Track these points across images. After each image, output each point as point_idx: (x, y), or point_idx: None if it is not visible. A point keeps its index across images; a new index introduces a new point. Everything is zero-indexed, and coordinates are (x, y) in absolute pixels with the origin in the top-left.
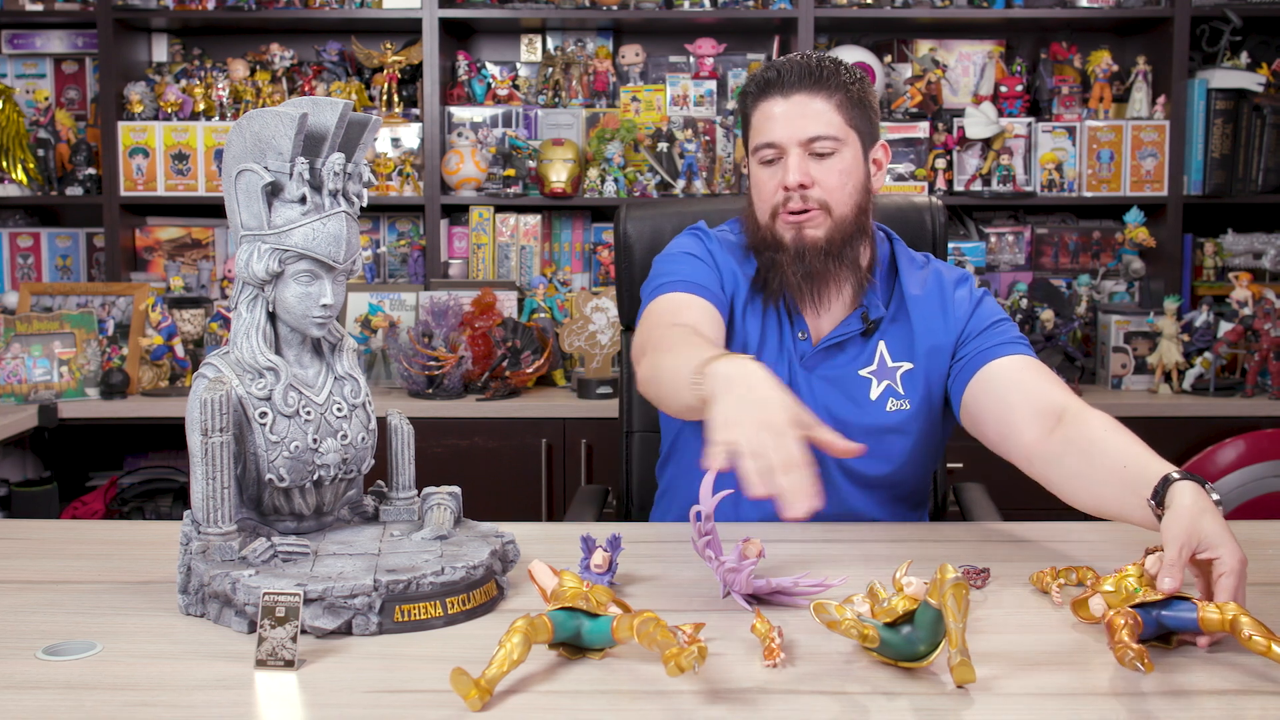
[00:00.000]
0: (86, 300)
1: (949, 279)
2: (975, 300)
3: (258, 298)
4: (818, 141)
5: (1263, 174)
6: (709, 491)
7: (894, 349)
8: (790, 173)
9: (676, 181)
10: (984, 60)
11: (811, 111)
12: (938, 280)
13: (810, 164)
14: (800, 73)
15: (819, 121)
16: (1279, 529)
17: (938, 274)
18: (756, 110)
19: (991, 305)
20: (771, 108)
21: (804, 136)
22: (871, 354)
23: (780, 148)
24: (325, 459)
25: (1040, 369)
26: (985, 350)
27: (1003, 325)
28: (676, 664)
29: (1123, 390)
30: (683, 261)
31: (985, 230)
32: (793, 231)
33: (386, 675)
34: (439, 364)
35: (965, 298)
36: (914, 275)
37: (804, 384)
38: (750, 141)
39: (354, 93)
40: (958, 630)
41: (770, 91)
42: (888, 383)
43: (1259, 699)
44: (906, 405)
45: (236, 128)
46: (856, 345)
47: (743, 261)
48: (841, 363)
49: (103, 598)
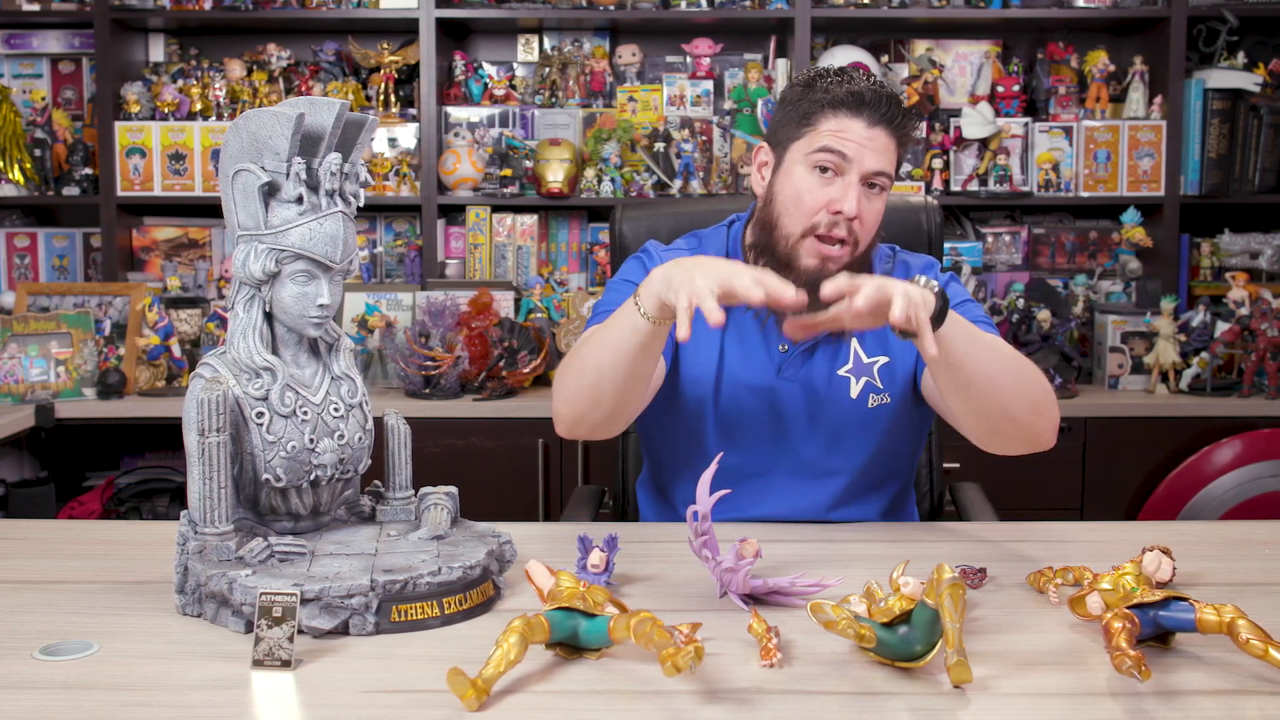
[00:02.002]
0: (83, 300)
1: (915, 266)
2: (941, 284)
3: (254, 298)
4: (878, 177)
5: (1259, 174)
6: (706, 491)
7: (868, 345)
8: (850, 200)
9: (673, 181)
10: (981, 60)
11: (883, 147)
12: (904, 270)
13: (861, 197)
14: (891, 108)
15: (884, 159)
16: (1275, 529)
17: (904, 264)
18: (834, 119)
19: (955, 289)
20: (856, 125)
21: (872, 169)
22: (846, 353)
23: (847, 166)
24: (322, 459)
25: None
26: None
27: (966, 306)
28: (673, 664)
29: (1119, 390)
30: (620, 291)
31: (982, 230)
32: (816, 262)
33: (383, 675)
34: (436, 364)
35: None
36: (880, 268)
37: (783, 394)
38: (808, 143)
39: (351, 93)
40: (954, 630)
41: (858, 111)
42: (866, 379)
43: (1256, 699)
44: (887, 399)
45: (233, 128)
46: (830, 345)
47: None
48: (818, 364)
49: (99, 598)
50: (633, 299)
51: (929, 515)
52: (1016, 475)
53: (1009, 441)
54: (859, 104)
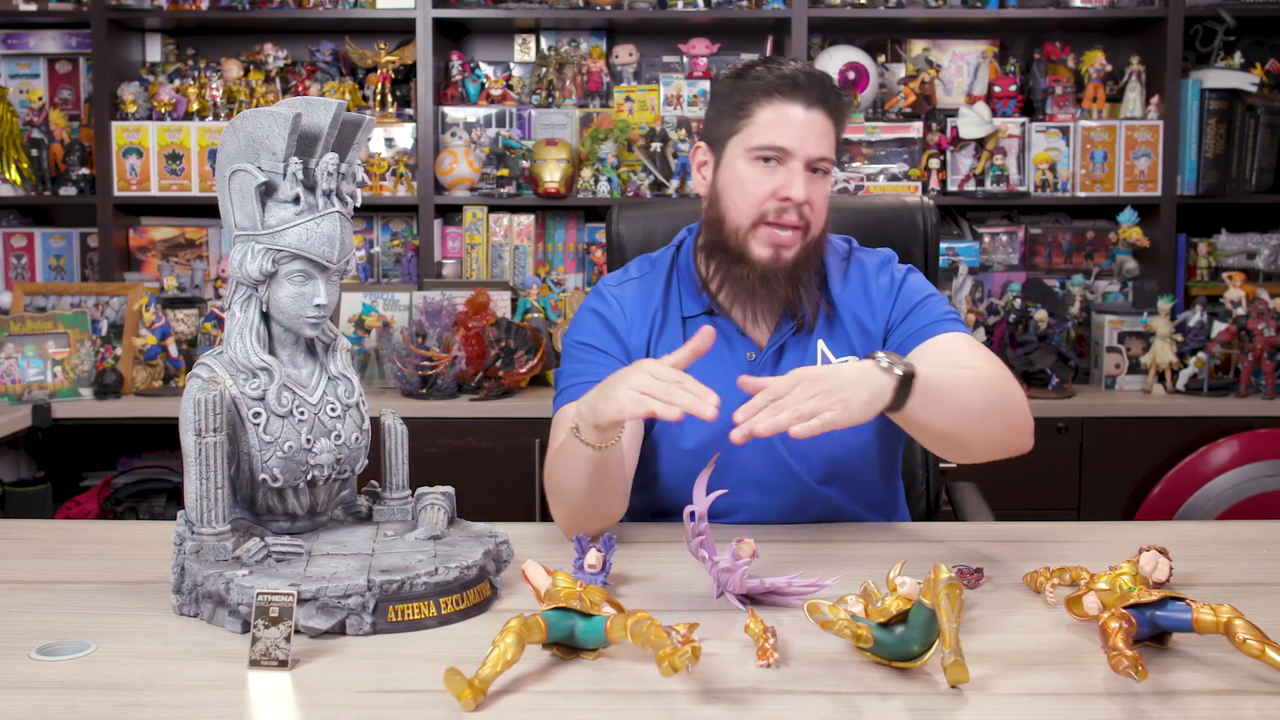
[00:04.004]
0: (80, 300)
1: (870, 265)
2: (898, 283)
3: (251, 298)
4: (820, 162)
5: (1256, 174)
6: (702, 491)
7: (834, 347)
8: (798, 185)
9: (670, 181)
10: (978, 60)
11: (823, 130)
12: (859, 269)
13: (807, 182)
14: (824, 89)
15: (825, 142)
16: (1272, 529)
17: (859, 263)
18: (768, 108)
19: (916, 283)
20: (790, 113)
21: (814, 154)
22: (814, 356)
23: (789, 155)
24: (319, 459)
25: (967, 343)
26: (912, 335)
27: (929, 303)
28: (670, 664)
29: (1116, 390)
30: (578, 358)
31: (979, 230)
32: (770, 251)
33: (380, 675)
34: (433, 364)
35: (887, 283)
36: (837, 265)
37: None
38: (748, 138)
39: (348, 93)
40: (951, 630)
41: (793, 96)
42: None
43: (1253, 699)
44: None
45: (230, 128)
46: (797, 349)
47: (660, 295)
48: (788, 368)
49: (96, 598)
50: (574, 431)
51: (925, 515)
52: (1013, 475)
53: (982, 458)
54: (793, 87)
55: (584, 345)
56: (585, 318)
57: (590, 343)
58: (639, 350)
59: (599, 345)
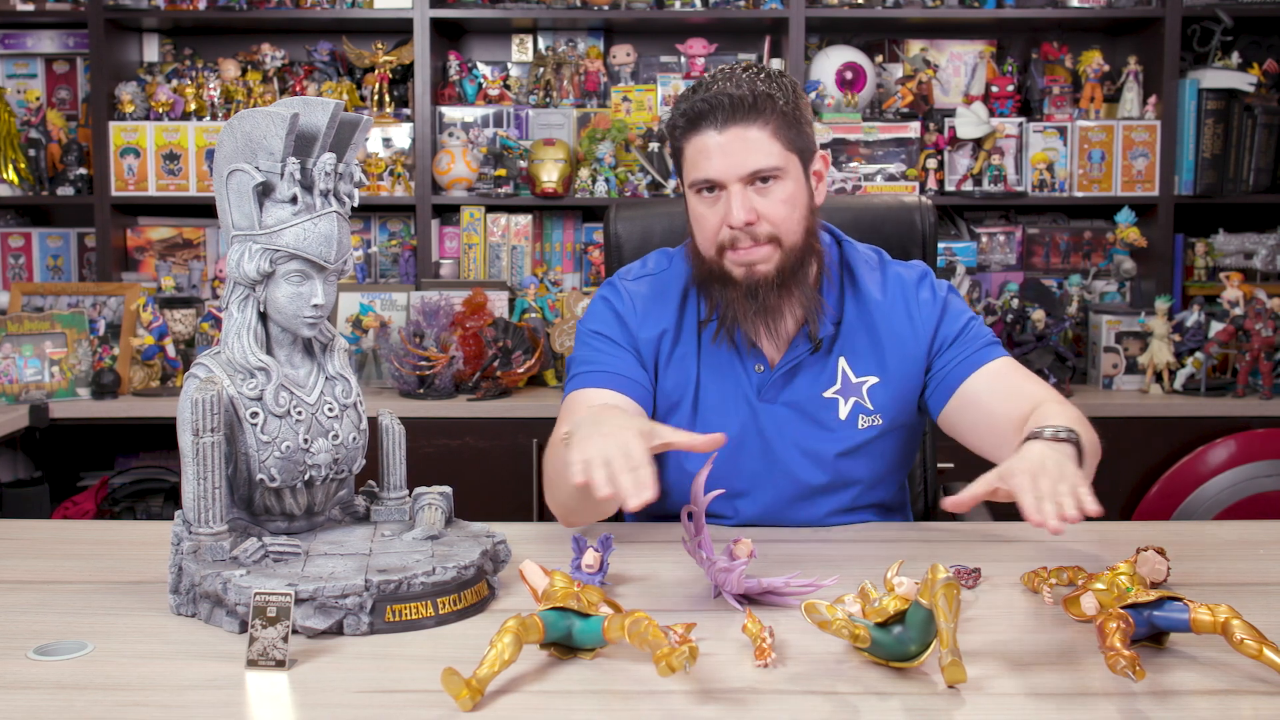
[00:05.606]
0: (78, 300)
1: (909, 280)
2: (941, 302)
3: (249, 298)
4: (759, 174)
5: (1254, 174)
6: (700, 492)
7: (857, 364)
8: (735, 211)
9: (667, 181)
10: (975, 60)
11: (750, 143)
12: (899, 283)
13: (754, 197)
14: (733, 105)
15: (759, 153)
16: (1270, 529)
17: (898, 276)
18: (689, 144)
19: (957, 305)
20: (705, 142)
21: (745, 171)
22: (833, 373)
23: (720, 184)
24: (316, 459)
25: (1015, 370)
26: (961, 363)
27: (972, 327)
28: (668, 664)
29: (1114, 390)
30: (591, 346)
31: (976, 230)
32: (742, 270)
33: (378, 675)
34: (430, 364)
35: (930, 300)
36: (871, 277)
37: (767, 418)
38: (686, 176)
39: (345, 93)
40: (949, 630)
41: (702, 124)
42: (855, 399)
43: (1250, 699)
44: (879, 420)
45: (228, 128)
46: (815, 366)
47: (676, 298)
48: (802, 387)
49: (94, 598)
50: (565, 439)
51: (923, 515)
52: None
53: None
54: (700, 116)
55: (596, 334)
56: (598, 306)
57: (602, 331)
58: (649, 344)
59: (610, 335)
